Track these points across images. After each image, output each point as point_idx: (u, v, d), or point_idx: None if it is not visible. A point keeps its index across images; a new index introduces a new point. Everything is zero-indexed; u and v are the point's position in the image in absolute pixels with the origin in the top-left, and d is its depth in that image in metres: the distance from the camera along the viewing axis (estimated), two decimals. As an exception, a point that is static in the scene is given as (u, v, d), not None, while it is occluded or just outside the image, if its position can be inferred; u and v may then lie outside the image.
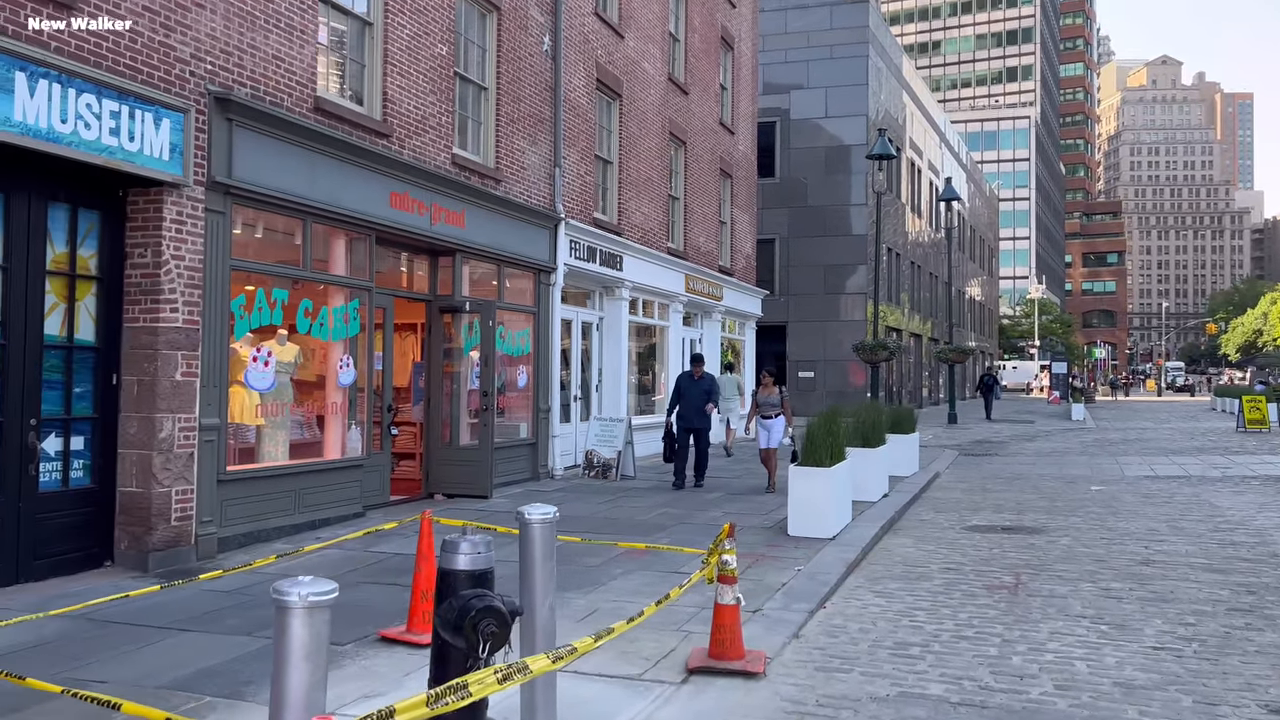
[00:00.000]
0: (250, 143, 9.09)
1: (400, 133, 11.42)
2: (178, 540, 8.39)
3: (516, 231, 13.92)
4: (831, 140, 38.78)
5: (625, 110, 17.86)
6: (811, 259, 38.56)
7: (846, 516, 10.72)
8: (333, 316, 10.43)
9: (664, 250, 19.61)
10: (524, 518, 4.64)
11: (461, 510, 11.51)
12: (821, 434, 10.17)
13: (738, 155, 24.75)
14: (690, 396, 13.92)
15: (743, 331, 26.11)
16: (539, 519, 4.64)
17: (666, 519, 11.16)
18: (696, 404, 13.87)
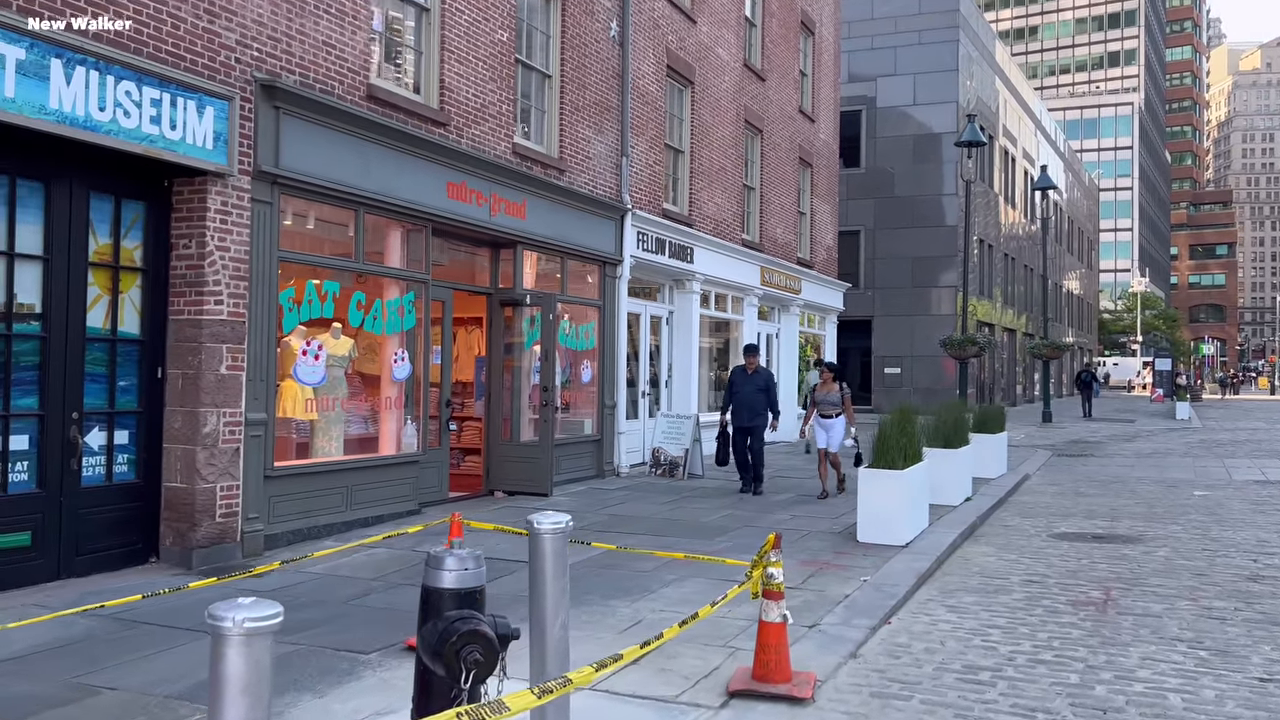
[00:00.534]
0: (299, 131, 8.88)
1: (458, 121, 11.14)
2: (223, 537, 8.24)
3: (581, 223, 13.56)
4: (920, 128, 37.57)
5: (698, 97, 17.35)
6: (899, 251, 37.43)
7: (922, 522, 10.07)
8: (387, 310, 10.20)
9: (738, 242, 19.04)
10: (534, 527, 4.23)
11: (517, 508, 11.20)
12: (894, 434, 9.55)
13: (818, 143, 23.99)
14: (743, 393, 12.88)
15: (823, 326, 25.36)
16: (550, 529, 4.22)
17: (731, 521, 10.66)
18: (750, 401, 12.82)
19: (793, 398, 22.24)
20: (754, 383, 12.93)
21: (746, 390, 12.88)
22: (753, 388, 12.90)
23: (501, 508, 11.35)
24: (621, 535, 9.65)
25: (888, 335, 37.72)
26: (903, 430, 9.67)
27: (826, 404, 12.50)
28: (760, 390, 12.87)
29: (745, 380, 12.95)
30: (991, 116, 41.48)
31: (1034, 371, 48.31)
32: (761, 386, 12.90)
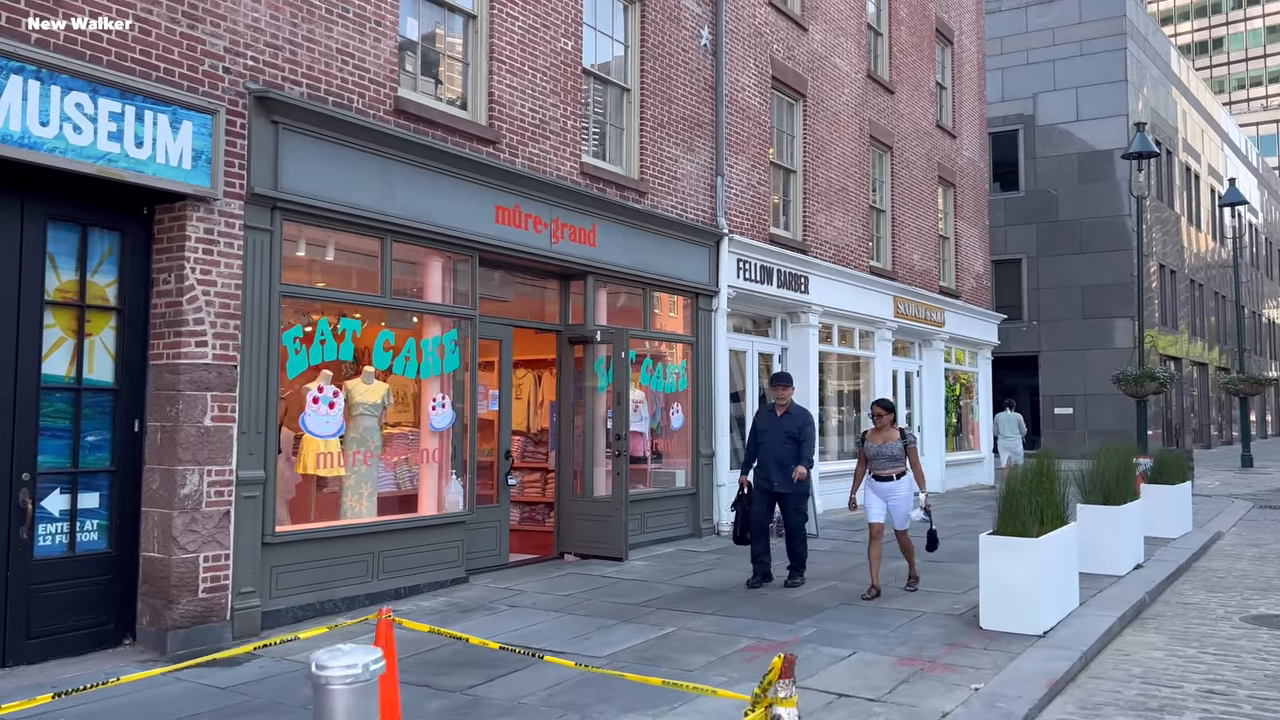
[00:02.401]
0: (304, 149, 7.83)
1: (511, 139, 9.93)
2: (207, 615, 7.10)
3: (665, 250, 12.10)
4: (1085, 146, 34.41)
5: (810, 112, 15.68)
6: (1066, 279, 34.18)
7: (1069, 601, 7.97)
8: (422, 350, 9.00)
9: (864, 270, 17.13)
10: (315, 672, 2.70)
11: (584, 575, 9.71)
12: (1027, 489, 7.54)
13: (961, 161, 21.79)
14: (770, 443, 9.20)
15: (975, 362, 22.89)
16: (340, 676, 2.68)
17: (828, 598, 8.81)
18: (779, 455, 9.12)
19: (937, 446, 19.92)
20: (784, 428, 9.20)
21: (774, 439, 9.20)
22: (782, 435, 9.20)
23: (566, 574, 9.89)
24: (683, 615, 8.00)
25: (1057, 372, 34.37)
26: (1038, 485, 7.65)
27: (881, 459, 8.82)
28: (792, 439, 9.16)
29: (773, 425, 9.25)
30: (1170, 131, 37.73)
31: (1231, 410, 43.29)
32: (794, 434, 9.17)
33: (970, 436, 22.83)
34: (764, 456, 9.29)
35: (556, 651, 6.86)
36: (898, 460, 8.83)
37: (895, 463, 8.83)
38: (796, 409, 9.39)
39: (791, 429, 9.21)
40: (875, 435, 8.97)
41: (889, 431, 8.92)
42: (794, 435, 9.18)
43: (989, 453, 22.70)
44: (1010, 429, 19.93)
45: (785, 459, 9.15)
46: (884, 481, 8.84)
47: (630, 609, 8.20)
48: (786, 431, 9.21)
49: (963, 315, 21.32)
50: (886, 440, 8.88)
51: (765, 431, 9.32)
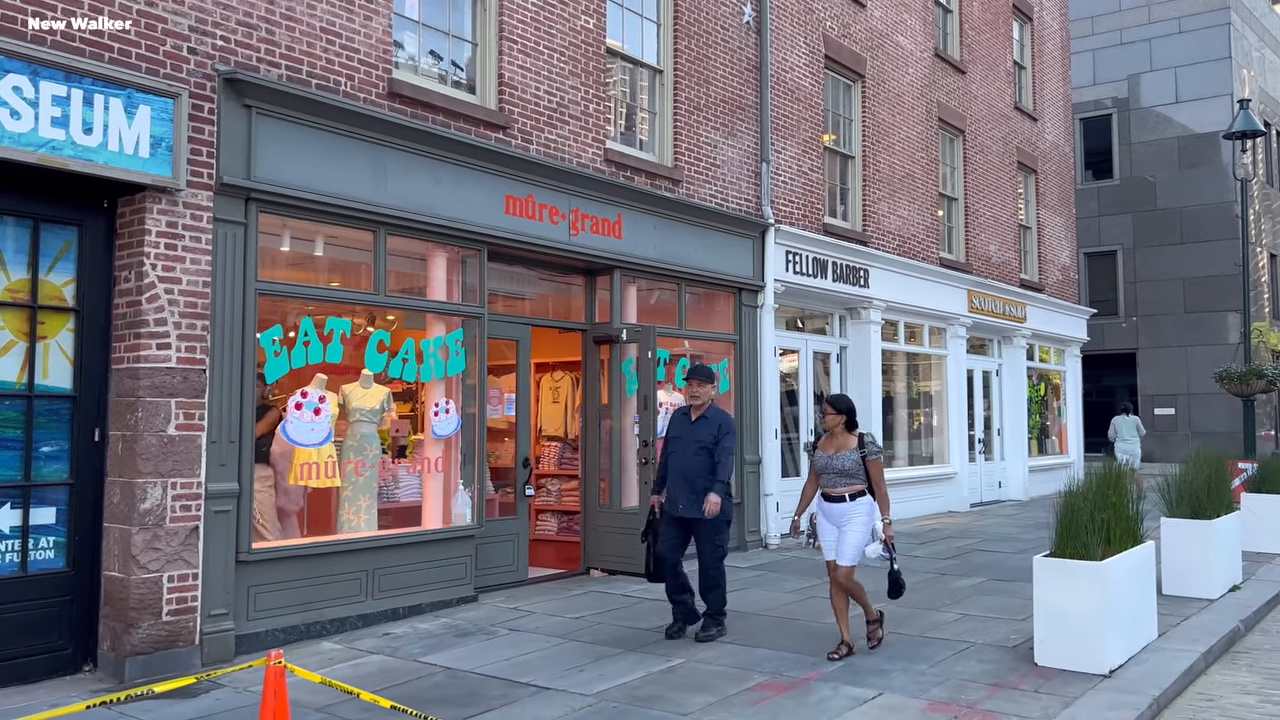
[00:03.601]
0: (282, 136, 7.26)
1: (524, 124, 9.25)
2: (172, 640, 6.56)
3: (703, 243, 11.26)
4: (1185, 129, 32.26)
5: (870, 93, 14.64)
6: (1166, 272, 32.09)
7: (1146, 632, 6.90)
8: (423, 351, 8.36)
9: (934, 262, 15.98)
10: None
11: (606, 595, 8.94)
12: (1090, 503, 6.50)
13: (1043, 146, 20.37)
14: (678, 455, 7.35)
15: (1062, 361, 21.40)
16: None
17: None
18: (687, 468, 7.27)
19: (1019, 450, 18.59)
20: (697, 435, 7.31)
21: (683, 450, 7.32)
22: (693, 444, 7.28)
23: (586, 592, 9.14)
24: (700, 644, 7.15)
25: (1157, 370, 32.29)
26: (1103, 498, 6.59)
27: (830, 473, 6.80)
28: (706, 450, 7.24)
29: (685, 431, 7.39)
30: (1279, 110, 35.19)
31: (1354, 409, 40.20)
32: (708, 443, 7.26)
33: (1057, 440, 21.36)
34: (672, 472, 7.40)
35: (541, 687, 6.12)
36: (852, 476, 6.74)
37: (849, 479, 6.74)
38: (715, 412, 7.44)
39: (705, 437, 7.28)
40: (827, 443, 6.95)
41: (843, 438, 6.86)
42: (708, 445, 7.26)
43: (1079, 458, 21.20)
44: (1129, 432, 19.00)
45: (695, 474, 7.23)
46: (834, 503, 6.78)
47: (641, 636, 7.41)
48: (699, 440, 7.28)
49: (1047, 310, 19.90)
50: (839, 450, 6.82)
51: (675, 440, 7.44)
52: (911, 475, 15.45)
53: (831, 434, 6.94)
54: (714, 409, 7.48)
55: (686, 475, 7.28)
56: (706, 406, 7.43)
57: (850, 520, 6.75)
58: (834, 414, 6.92)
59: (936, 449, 16.60)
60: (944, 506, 16.11)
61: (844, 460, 6.77)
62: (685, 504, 7.27)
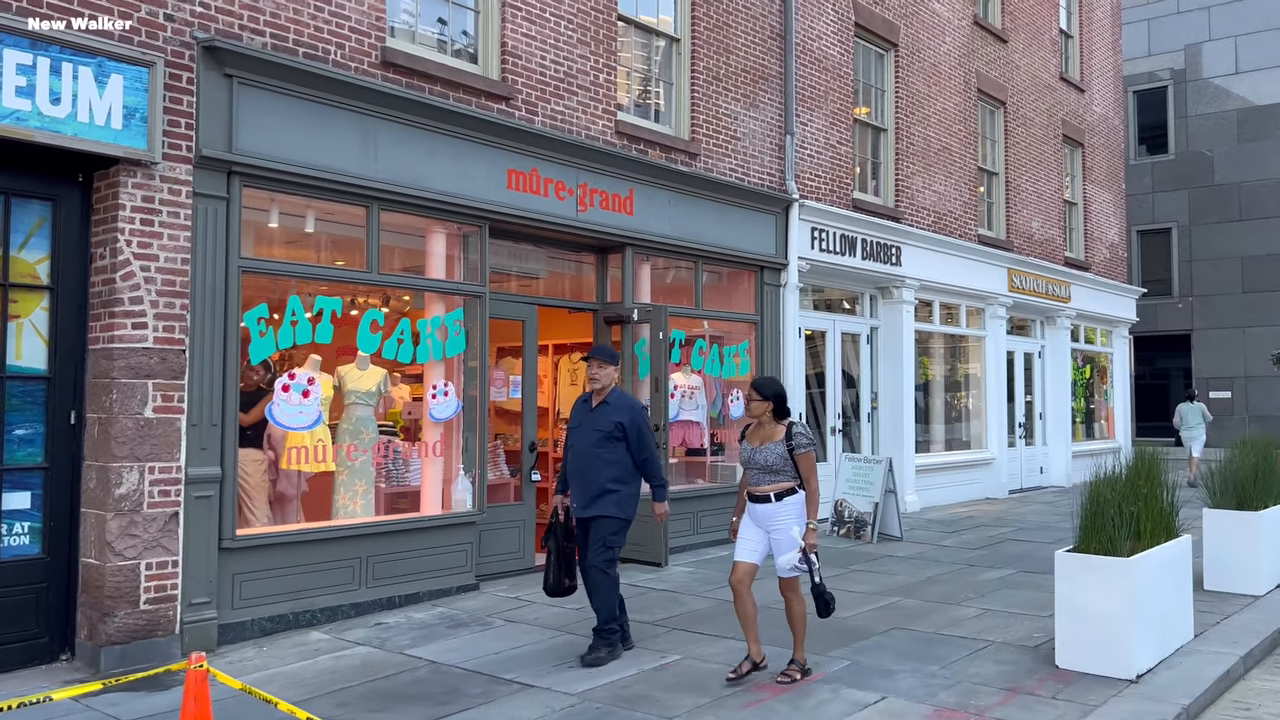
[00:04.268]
0: (267, 107, 6.98)
1: (528, 95, 8.88)
2: (151, 629, 6.35)
3: (721, 219, 10.82)
4: (1245, 101, 30.96)
5: (903, 62, 14.05)
6: (1223, 250, 30.87)
7: (1181, 633, 6.41)
8: (419, 332, 8.06)
9: (972, 239, 15.36)
10: None
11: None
12: (1116, 496, 6.01)
13: (1091, 118, 19.55)
14: (575, 447, 6.45)
15: (1110, 342, 20.62)
16: None
17: (883, 619, 7.44)
18: (582, 462, 6.34)
19: (1062, 435, 17.91)
20: (596, 424, 6.35)
21: (581, 441, 6.41)
22: (592, 434, 6.34)
23: (593, 582, 8.80)
24: (699, 639, 6.81)
25: (1213, 353, 31.14)
26: (1134, 488, 6.10)
27: (754, 469, 5.87)
28: (610, 439, 6.28)
29: (584, 420, 6.46)
30: (1347, 78, 33.60)
31: None
32: (611, 432, 6.28)
33: (1104, 424, 20.61)
34: (569, 466, 6.47)
35: (525, 684, 5.81)
36: (778, 473, 5.74)
37: (774, 476, 5.75)
38: (618, 397, 6.41)
39: (604, 425, 6.27)
40: (753, 434, 5.96)
41: (770, 428, 5.86)
42: (607, 434, 6.25)
43: (1127, 443, 20.43)
44: (1194, 419, 18.71)
45: (591, 470, 6.24)
46: (758, 503, 5.82)
47: (642, 629, 7.06)
48: (597, 429, 6.30)
49: (1093, 289, 19.14)
50: (764, 441, 5.83)
51: (573, 431, 6.51)
52: (947, 461, 14.92)
53: (759, 423, 5.93)
54: (616, 394, 6.43)
55: (583, 470, 6.31)
56: (608, 391, 6.39)
57: (778, 524, 5.76)
58: (759, 400, 5.88)
59: (974, 434, 16.02)
60: (981, 493, 15.55)
61: (768, 454, 5.76)
62: (581, 502, 6.31)
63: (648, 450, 6.38)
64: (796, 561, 5.71)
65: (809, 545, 5.68)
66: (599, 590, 6.27)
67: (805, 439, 5.81)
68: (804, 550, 5.67)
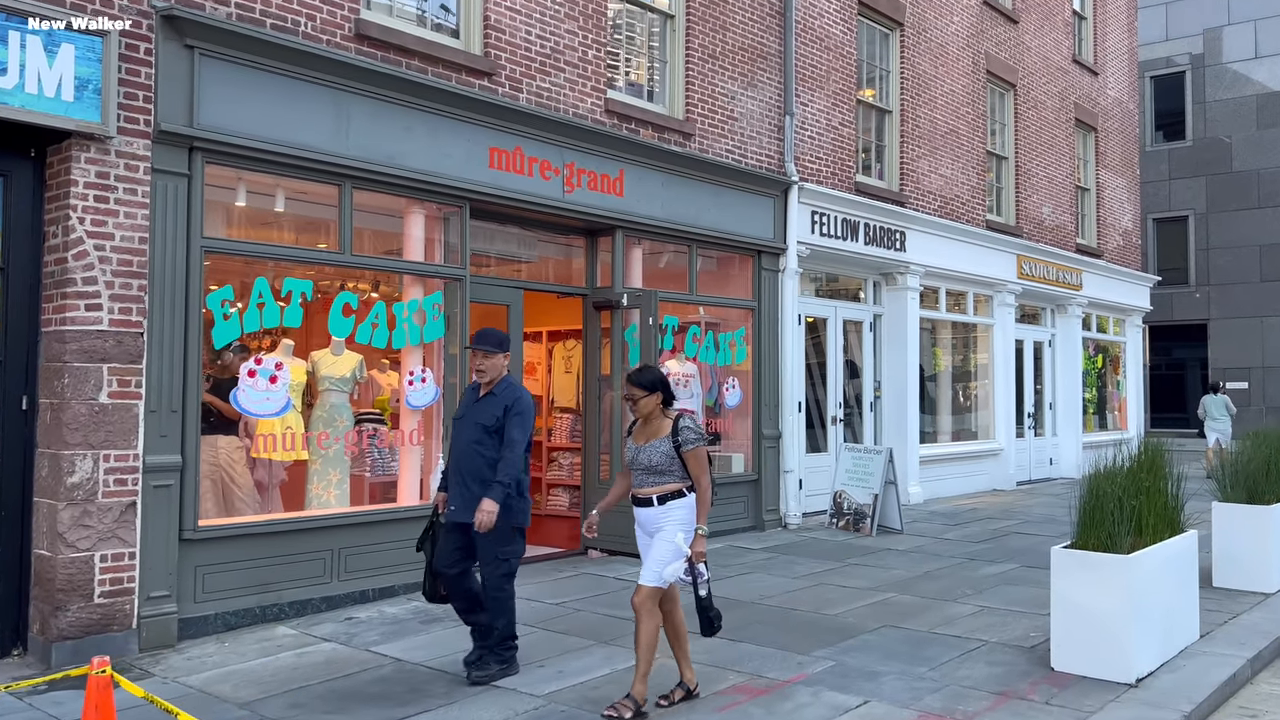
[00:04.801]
0: (231, 80, 6.69)
1: (512, 71, 8.57)
2: (106, 624, 6.10)
3: (717, 201, 10.49)
4: (1264, 86, 30.33)
5: (909, 43, 13.66)
6: (1241, 238, 30.29)
7: (1186, 633, 6.08)
8: (395, 316, 7.77)
9: (980, 224, 14.97)
10: None
11: (600, 579, 8.33)
12: (1116, 489, 5.68)
13: (1104, 102, 19.09)
14: (457, 442, 5.77)
15: (1123, 331, 20.19)
16: None
17: (874, 615, 7.13)
18: (463, 458, 5.64)
19: (1073, 426, 17.52)
20: (478, 417, 5.65)
21: (463, 436, 5.70)
22: (474, 429, 5.63)
23: (577, 575, 8.54)
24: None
25: (1229, 342, 30.58)
26: (1135, 481, 5.76)
27: (638, 469, 5.16)
28: (493, 434, 5.57)
29: (468, 411, 5.76)
30: (1369, 63, 32.89)
31: None
32: (491, 426, 5.58)
33: (1116, 415, 20.19)
34: (451, 466, 5.79)
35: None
36: (663, 473, 5.04)
37: (658, 477, 5.05)
38: (506, 388, 5.67)
39: (486, 418, 5.57)
40: (639, 431, 5.24)
41: (656, 423, 5.16)
42: (489, 428, 5.56)
43: (1140, 433, 20.02)
44: (1218, 411, 18.53)
45: (469, 465, 5.56)
46: (641, 507, 5.14)
47: (622, 625, 6.76)
48: (479, 422, 5.60)
49: (1106, 277, 18.71)
50: (650, 438, 5.13)
51: (457, 422, 5.83)
52: (952, 451, 14.57)
53: (645, 419, 5.20)
54: (505, 383, 5.70)
55: (461, 467, 5.61)
56: (496, 381, 5.70)
57: (664, 530, 5.02)
58: (640, 392, 5.14)
59: (981, 424, 15.65)
60: (988, 485, 15.19)
61: (652, 453, 5.06)
62: (458, 503, 5.59)
63: (512, 447, 5.52)
64: (682, 574, 5.00)
65: (696, 554, 4.97)
66: (499, 607, 5.60)
67: (693, 434, 5.08)
68: (690, 560, 4.97)
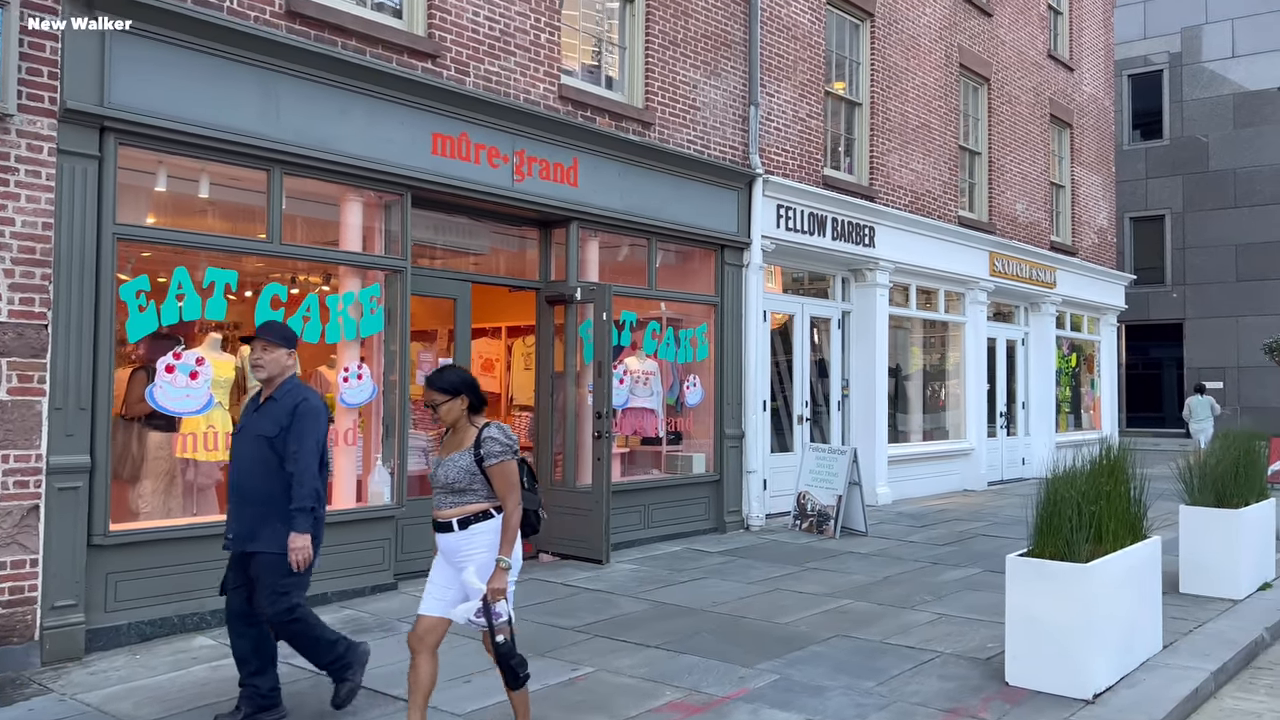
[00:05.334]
0: (147, 57, 6.30)
1: (458, 53, 8.21)
2: (6, 635, 5.72)
3: (678, 194, 10.16)
4: (1240, 86, 30.27)
5: (880, 34, 13.36)
6: (1217, 237, 30.25)
7: (1148, 644, 5.79)
8: (328, 308, 7.40)
9: (951, 220, 14.70)
10: None
11: (549, 585, 7.97)
12: (1074, 494, 5.38)
13: (1080, 98, 18.86)
14: (237, 454, 4.92)
15: (1097, 330, 19.98)
16: None
17: (827, 624, 6.81)
18: (241, 476, 4.83)
19: (1046, 425, 17.29)
20: (259, 427, 4.81)
21: (241, 451, 4.89)
22: (250, 440, 4.83)
23: (524, 580, 8.13)
24: (621, 648, 6.17)
25: (1205, 342, 30.55)
26: (1095, 486, 5.46)
27: (437, 488, 4.37)
28: (265, 444, 4.76)
29: (247, 420, 4.94)
30: (1346, 63, 32.90)
31: None
32: (268, 435, 4.75)
33: (1090, 414, 20.00)
34: (230, 485, 4.92)
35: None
36: (463, 492, 4.28)
37: (458, 497, 4.29)
38: (290, 390, 4.82)
39: (267, 427, 4.73)
40: (446, 444, 4.45)
41: (462, 433, 4.37)
42: (268, 438, 4.71)
43: (1114, 433, 19.85)
44: (1203, 412, 18.83)
45: (247, 484, 4.76)
46: (441, 532, 4.33)
47: (561, 635, 6.44)
48: (259, 431, 4.76)
49: (1080, 275, 18.49)
50: (452, 450, 4.36)
51: (236, 435, 4.97)
52: (922, 451, 14.30)
53: (453, 429, 4.41)
54: (289, 384, 4.83)
55: (238, 485, 4.79)
56: (279, 382, 4.82)
57: (461, 556, 4.27)
58: (440, 396, 4.32)
59: (952, 423, 15.40)
60: (959, 485, 14.94)
61: (450, 468, 4.28)
62: (236, 529, 4.78)
63: (300, 460, 4.65)
64: (473, 616, 4.16)
65: (493, 592, 4.14)
66: (298, 640, 4.81)
67: (499, 445, 4.25)
68: (487, 599, 4.13)
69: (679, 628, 6.63)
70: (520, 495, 4.32)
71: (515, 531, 4.28)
